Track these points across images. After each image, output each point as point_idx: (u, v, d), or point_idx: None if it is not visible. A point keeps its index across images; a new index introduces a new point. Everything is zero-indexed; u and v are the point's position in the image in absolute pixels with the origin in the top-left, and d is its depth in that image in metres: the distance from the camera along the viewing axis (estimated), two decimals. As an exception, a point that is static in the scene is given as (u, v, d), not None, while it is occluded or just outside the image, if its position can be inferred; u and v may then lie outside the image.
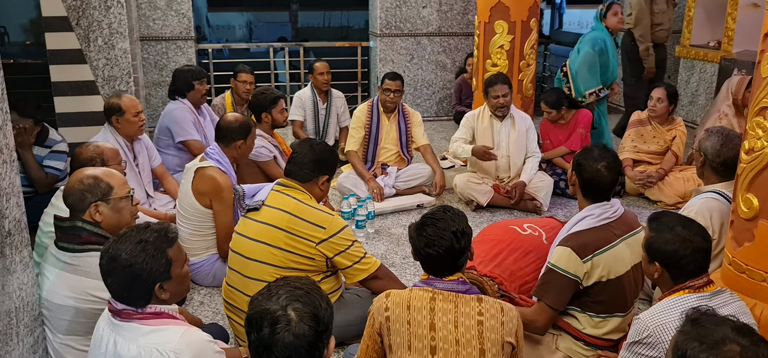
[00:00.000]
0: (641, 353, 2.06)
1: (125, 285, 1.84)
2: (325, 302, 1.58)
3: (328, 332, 1.57)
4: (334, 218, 2.71)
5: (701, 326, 1.49)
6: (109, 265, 1.85)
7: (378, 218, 4.53)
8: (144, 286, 1.85)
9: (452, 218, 2.03)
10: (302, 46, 8.08)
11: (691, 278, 2.10)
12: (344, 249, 2.69)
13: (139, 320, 1.86)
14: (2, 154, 2.05)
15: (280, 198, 2.74)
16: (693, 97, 7.28)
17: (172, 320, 1.90)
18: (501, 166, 4.80)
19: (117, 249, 1.85)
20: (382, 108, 4.97)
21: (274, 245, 2.67)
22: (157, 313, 1.88)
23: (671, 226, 2.13)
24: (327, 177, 2.84)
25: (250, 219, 2.78)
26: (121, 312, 1.86)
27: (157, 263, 1.86)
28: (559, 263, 2.53)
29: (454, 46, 7.88)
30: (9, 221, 2.10)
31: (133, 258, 1.83)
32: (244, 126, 3.49)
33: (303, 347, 1.49)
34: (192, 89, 4.66)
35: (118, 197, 2.43)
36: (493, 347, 1.91)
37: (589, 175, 2.59)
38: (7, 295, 2.09)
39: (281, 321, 1.49)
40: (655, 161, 4.97)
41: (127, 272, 1.82)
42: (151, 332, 1.84)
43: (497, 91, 4.59)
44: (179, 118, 4.57)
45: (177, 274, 1.93)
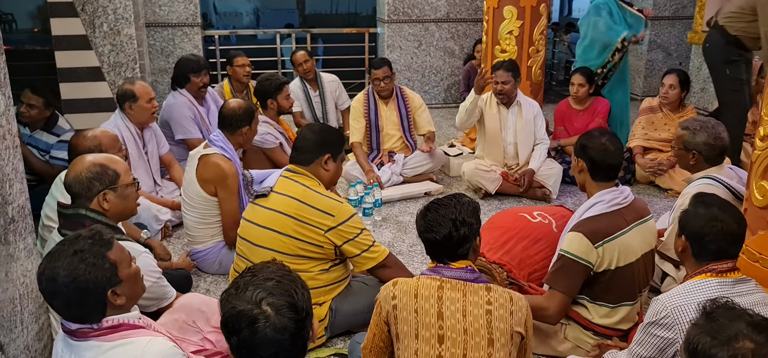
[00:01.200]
0: (657, 335, 2.03)
1: (74, 303, 1.70)
2: (299, 286, 1.53)
3: (309, 316, 1.53)
4: (342, 205, 2.69)
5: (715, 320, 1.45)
6: (50, 287, 1.70)
7: (385, 205, 4.50)
8: (94, 297, 1.72)
9: (457, 205, 2.00)
10: (309, 32, 8.03)
11: (715, 261, 2.08)
12: (353, 237, 2.67)
13: (97, 337, 1.74)
14: (5, 139, 2.03)
15: (289, 184, 2.72)
16: (704, 84, 7.19)
17: (133, 331, 1.78)
18: (509, 153, 4.75)
19: (53, 268, 1.69)
20: (377, 94, 4.93)
21: (282, 233, 2.65)
22: (115, 326, 1.76)
23: (709, 204, 2.14)
24: (329, 156, 2.80)
25: (258, 205, 2.76)
26: (77, 332, 1.74)
27: (100, 269, 1.72)
28: (570, 248, 2.51)
29: (462, 32, 7.80)
30: (12, 207, 2.08)
31: (73, 272, 1.68)
32: (247, 111, 3.46)
33: (286, 339, 1.45)
34: (188, 82, 4.60)
35: (125, 184, 2.41)
36: (502, 336, 1.88)
37: (595, 153, 2.58)
38: (11, 282, 2.07)
39: (259, 320, 1.44)
40: (666, 149, 4.91)
41: (71, 288, 1.68)
42: (112, 348, 1.73)
43: (497, 77, 4.54)
44: (177, 114, 4.53)
45: (126, 275, 1.80)
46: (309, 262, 2.68)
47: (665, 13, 8.05)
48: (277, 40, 7.90)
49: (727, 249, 2.08)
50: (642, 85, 8.16)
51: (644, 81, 8.20)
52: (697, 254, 2.14)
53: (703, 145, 3.10)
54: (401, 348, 1.93)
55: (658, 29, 8.07)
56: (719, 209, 2.11)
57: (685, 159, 3.20)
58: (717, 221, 2.07)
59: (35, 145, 4.14)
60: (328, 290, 2.77)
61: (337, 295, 2.82)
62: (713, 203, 2.14)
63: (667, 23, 8.08)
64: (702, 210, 2.12)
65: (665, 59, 8.15)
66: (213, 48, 7.65)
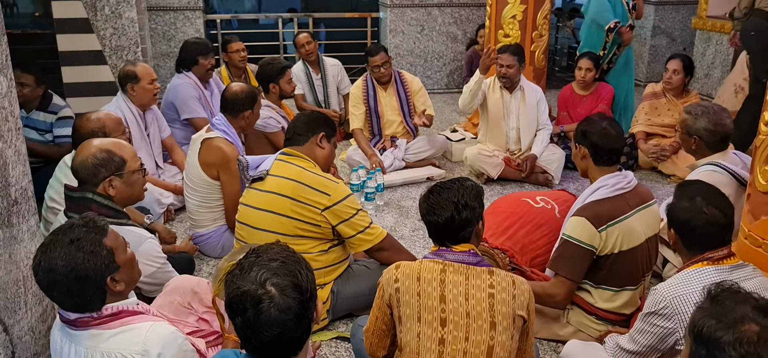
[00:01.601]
0: (657, 324, 2.04)
1: (74, 292, 1.69)
2: (303, 267, 1.53)
3: (314, 297, 1.53)
4: (338, 185, 2.70)
5: (720, 303, 1.44)
6: (49, 278, 1.68)
7: (387, 190, 4.50)
8: (94, 285, 1.71)
9: (460, 189, 2.00)
10: (312, 17, 7.99)
11: (709, 250, 2.08)
12: (349, 217, 2.68)
13: (97, 325, 1.73)
14: (7, 121, 2.03)
15: (284, 167, 2.73)
16: (708, 69, 7.16)
17: (134, 318, 1.78)
18: (511, 138, 4.74)
19: (50, 259, 1.67)
20: (375, 80, 4.90)
21: (280, 213, 2.66)
22: (115, 313, 1.75)
23: (693, 195, 2.12)
24: (323, 134, 2.83)
25: (255, 189, 2.77)
26: (77, 321, 1.73)
27: (98, 256, 1.71)
28: (573, 233, 2.51)
29: (465, 17, 7.76)
30: (15, 189, 2.08)
31: (71, 261, 1.67)
32: (249, 95, 3.45)
33: (291, 320, 1.45)
34: (196, 64, 4.61)
35: (131, 170, 2.41)
36: (504, 320, 1.88)
37: (597, 138, 2.59)
38: (14, 264, 2.07)
39: (263, 300, 1.43)
40: (669, 134, 4.89)
41: (71, 278, 1.67)
42: (113, 335, 1.73)
43: (502, 60, 4.52)
44: (183, 94, 4.53)
45: (123, 261, 1.80)
46: (308, 242, 2.69)
47: (670, -2, 8.00)
48: (279, 24, 7.86)
49: (716, 238, 2.08)
50: (645, 71, 8.12)
51: (648, 67, 8.16)
52: (688, 246, 2.14)
53: (704, 131, 3.09)
54: (403, 331, 1.94)
55: (662, 14, 8.02)
56: (703, 198, 2.09)
57: (687, 144, 3.20)
58: (701, 213, 2.07)
59: (34, 127, 4.13)
60: (328, 271, 2.77)
61: (339, 277, 2.82)
62: (697, 193, 2.12)
63: (672, 8, 8.03)
64: (686, 203, 2.12)
65: (669, 45, 8.10)
66: (214, 32, 7.62)
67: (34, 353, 2.19)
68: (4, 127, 2.00)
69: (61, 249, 1.68)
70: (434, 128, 5.82)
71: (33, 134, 4.10)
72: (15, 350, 2.08)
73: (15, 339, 2.08)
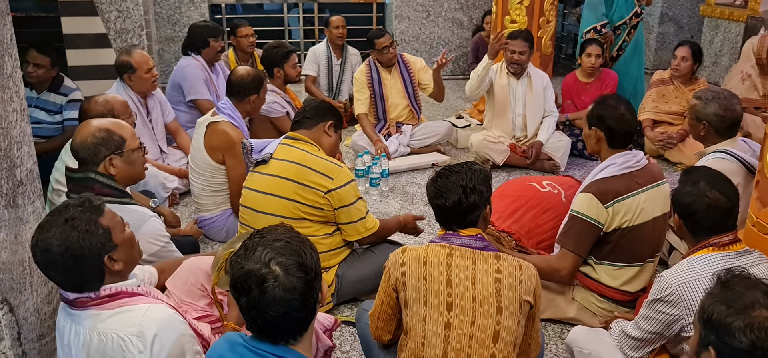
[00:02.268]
0: (663, 311, 2.04)
1: (71, 272, 1.69)
2: (307, 247, 1.52)
3: (319, 277, 1.52)
4: (342, 169, 2.71)
5: (730, 289, 1.44)
6: (45, 258, 1.68)
7: (392, 176, 4.49)
8: (91, 264, 1.70)
9: (467, 172, 1.99)
10: (317, 2, 7.95)
11: (715, 235, 2.07)
12: (349, 203, 2.69)
13: (96, 306, 1.73)
14: (12, 102, 2.02)
15: (288, 150, 2.74)
16: (716, 57, 7.11)
17: (132, 299, 1.76)
18: (517, 125, 4.72)
19: (45, 240, 1.67)
20: (379, 64, 4.88)
21: (284, 196, 2.66)
22: (113, 294, 1.74)
23: (696, 180, 2.12)
24: (331, 122, 2.84)
25: (258, 173, 2.77)
26: (76, 301, 1.73)
27: (94, 236, 1.70)
28: (581, 208, 2.55)
29: (471, 3, 7.72)
30: (21, 170, 2.07)
31: (66, 241, 1.66)
32: (256, 79, 3.44)
33: (296, 299, 1.44)
34: (207, 46, 4.61)
35: (131, 148, 2.40)
36: (511, 304, 1.87)
37: (613, 122, 2.59)
38: (20, 244, 2.07)
39: (268, 279, 1.43)
40: (677, 122, 4.86)
41: (67, 257, 1.66)
42: (111, 316, 1.72)
43: (514, 46, 4.49)
44: (190, 75, 4.51)
45: (121, 240, 1.78)
46: (313, 225, 2.69)
47: (678, -15, 7.94)
48: (284, 9, 7.83)
49: (719, 223, 2.07)
50: (653, 59, 8.07)
51: (655, 54, 8.11)
52: (692, 231, 2.14)
53: (714, 116, 3.06)
54: (409, 315, 1.93)
55: (670, 2, 7.96)
56: (707, 183, 2.09)
57: (696, 129, 3.17)
58: (704, 197, 2.06)
59: (44, 107, 4.13)
60: (333, 254, 2.78)
61: (344, 261, 2.82)
62: (700, 179, 2.11)
63: (680, -5, 7.98)
64: (689, 187, 2.11)
65: (677, 32, 8.05)
66: (219, 16, 7.59)
67: (39, 333, 2.19)
68: (9, 108, 1.99)
69: (56, 229, 1.67)
70: (439, 114, 5.80)
71: (42, 115, 4.11)
72: (21, 331, 2.08)
73: (20, 320, 2.08)
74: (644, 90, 5.50)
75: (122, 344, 1.68)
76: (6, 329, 1.97)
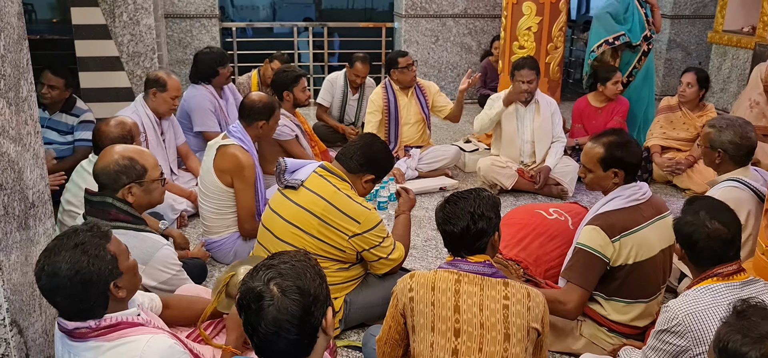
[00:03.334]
0: (670, 342, 2.02)
1: (78, 297, 1.67)
2: (313, 274, 1.52)
3: (320, 303, 1.51)
4: (370, 212, 2.68)
5: (746, 318, 1.44)
6: (52, 283, 1.65)
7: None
8: (97, 291, 1.69)
9: (476, 199, 2.00)
10: (326, 26, 8.03)
11: (718, 265, 2.06)
12: (376, 244, 2.68)
13: (96, 337, 1.70)
14: (27, 125, 2.05)
15: (320, 183, 2.70)
16: (724, 84, 7.11)
17: (133, 329, 1.74)
18: (525, 151, 4.73)
19: (53, 263, 1.65)
20: (396, 86, 4.91)
21: (306, 231, 2.66)
22: (114, 325, 1.72)
23: (697, 210, 2.11)
24: (373, 177, 2.81)
25: (286, 198, 2.75)
26: (74, 332, 1.70)
27: (103, 261, 1.69)
28: (587, 242, 2.51)
29: (480, 28, 7.77)
30: (33, 192, 2.10)
31: (76, 265, 1.64)
32: (267, 106, 3.46)
33: (288, 321, 1.45)
34: (217, 75, 4.65)
35: (151, 179, 2.42)
36: (519, 331, 1.87)
37: (635, 158, 2.60)
38: (30, 266, 2.09)
39: (264, 297, 1.46)
40: (685, 148, 4.86)
41: (75, 281, 1.64)
42: (112, 348, 1.70)
43: (523, 76, 4.50)
44: (198, 107, 4.57)
45: (126, 267, 1.77)
46: (329, 262, 2.68)
47: (685, 12, 7.96)
48: (294, 33, 7.90)
49: (719, 253, 2.06)
50: (660, 85, 8.08)
51: (663, 80, 8.12)
52: (693, 260, 2.13)
53: (730, 144, 3.03)
54: (417, 340, 1.93)
55: (677, 28, 7.98)
56: (707, 213, 2.07)
57: (710, 157, 3.13)
58: (704, 227, 2.05)
59: (55, 128, 4.18)
60: (344, 286, 2.77)
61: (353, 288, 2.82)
62: (701, 208, 2.10)
63: (687, 22, 7.99)
64: (690, 217, 2.10)
65: (684, 58, 8.06)
66: (230, 40, 7.67)
67: (46, 355, 2.20)
68: (23, 131, 2.02)
69: (65, 253, 1.65)
70: (447, 138, 5.82)
71: (54, 135, 4.15)
72: (29, 353, 2.09)
73: (29, 342, 2.09)
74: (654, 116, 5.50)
75: None
76: (15, 350, 1.98)
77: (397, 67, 4.87)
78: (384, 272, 2.77)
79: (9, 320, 1.93)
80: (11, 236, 1.93)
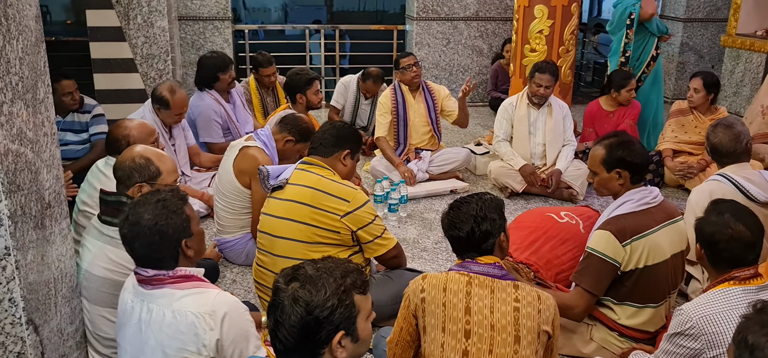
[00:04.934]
0: (684, 345, 2.01)
1: (153, 246, 1.88)
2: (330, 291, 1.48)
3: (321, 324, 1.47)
4: (357, 191, 2.75)
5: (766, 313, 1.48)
6: (133, 230, 1.88)
7: (410, 202, 4.51)
8: (171, 244, 1.90)
9: (478, 202, 2.03)
10: (337, 28, 8.06)
11: (735, 268, 2.05)
12: (367, 223, 2.73)
13: (171, 285, 1.90)
14: (43, 126, 2.08)
15: (304, 175, 2.78)
16: (737, 88, 7.06)
17: (203, 284, 1.94)
18: (537, 154, 4.72)
19: (137, 213, 1.89)
20: (405, 88, 4.92)
21: (300, 221, 2.70)
22: (188, 276, 1.93)
23: (722, 211, 2.11)
24: (348, 151, 2.87)
25: (274, 198, 2.82)
26: (152, 279, 1.90)
27: (179, 218, 1.91)
28: (598, 246, 2.50)
29: (491, 30, 7.76)
30: (49, 192, 2.12)
31: (156, 217, 1.87)
32: (304, 130, 3.42)
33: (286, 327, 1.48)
34: (217, 80, 4.62)
35: (164, 183, 2.45)
36: (529, 334, 1.88)
37: (637, 157, 2.59)
38: (46, 265, 2.12)
39: (280, 294, 1.51)
40: (696, 152, 4.84)
41: (153, 232, 1.86)
42: (185, 295, 1.89)
43: (541, 80, 4.50)
44: (203, 116, 4.56)
45: (196, 230, 1.99)
46: (328, 248, 2.71)
47: (698, 15, 7.92)
48: (306, 35, 7.94)
49: (740, 256, 2.06)
50: (673, 88, 8.04)
51: (675, 83, 8.08)
52: (713, 262, 2.13)
53: (717, 143, 3.06)
54: (427, 341, 1.94)
55: (690, 31, 7.94)
56: (732, 215, 2.08)
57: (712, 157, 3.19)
58: (727, 228, 2.05)
59: (71, 129, 4.22)
60: None
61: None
62: (726, 210, 2.11)
63: (700, 26, 7.95)
64: (714, 217, 2.11)
65: (697, 62, 8.02)
66: (242, 42, 7.72)
67: (61, 354, 2.23)
68: (40, 133, 2.05)
69: (148, 206, 1.89)
70: (458, 141, 5.83)
71: (70, 136, 4.20)
72: (44, 351, 2.12)
73: (44, 340, 2.12)
74: (663, 120, 5.49)
75: (195, 320, 1.84)
76: (31, 349, 2.01)
77: (398, 68, 4.89)
78: (379, 254, 2.80)
79: (25, 319, 1.95)
80: (28, 236, 1.96)
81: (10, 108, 1.82)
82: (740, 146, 3.01)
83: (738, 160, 3.03)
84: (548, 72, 4.51)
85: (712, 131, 3.08)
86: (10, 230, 1.82)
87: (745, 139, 3.03)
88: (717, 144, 3.05)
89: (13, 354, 1.95)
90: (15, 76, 1.85)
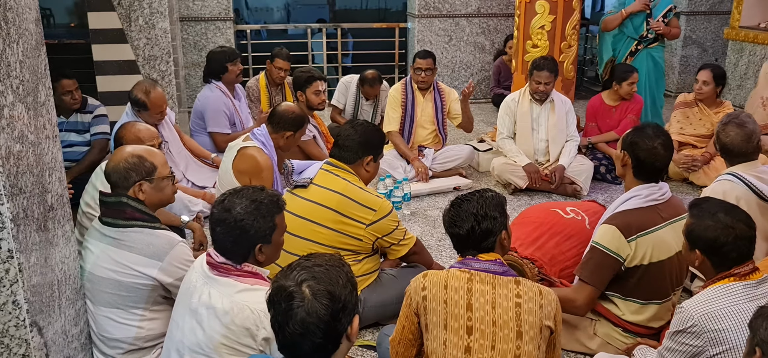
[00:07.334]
0: (686, 343, 2.00)
1: (231, 238, 1.96)
2: (345, 279, 1.55)
3: (348, 311, 1.54)
4: (383, 200, 2.76)
5: None
6: (222, 215, 1.96)
7: (414, 199, 4.51)
8: (247, 243, 1.97)
9: (479, 200, 2.03)
10: (340, 27, 8.05)
11: (735, 266, 2.03)
12: (391, 231, 2.75)
13: (236, 276, 1.97)
14: (45, 129, 2.08)
15: (330, 178, 2.77)
16: (741, 80, 7.03)
17: (265, 283, 1.98)
18: (540, 150, 4.72)
19: (232, 202, 1.97)
20: (415, 85, 4.92)
21: (322, 224, 2.70)
22: (253, 272, 1.99)
23: (713, 212, 2.06)
24: (371, 157, 2.87)
25: (297, 196, 2.80)
26: (220, 266, 1.98)
27: (266, 224, 1.98)
28: (602, 240, 2.49)
29: (493, 27, 7.75)
30: (51, 195, 2.13)
31: (245, 214, 1.95)
32: (297, 120, 3.47)
33: (316, 324, 1.48)
34: (226, 71, 4.70)
35: (161, 176, 2.45)
36: (531, 329, 1.87)
37: (644, 154, 2.52)
38: (49, 267, 2.13)
39: (295, 297, 1.49)
40: (701, 144, 4.82)
41: (237, 225, 1.94)
42: (246, 290, 1.94)
43: (540, 77, 4.50)
44: (212, 107, 4.62)
45: (277, 240, 2.05)
46: (344, 254, 2.71)
47: (701, 8, 7.89)
48: (308, 34, 7.94)
49: (745, 253, 2.04)
50: (676, 82, 8.01)
51: (679, 77, 8.05)
52: (718, 265, 2.07)
53: (728, 140, 3.01)
54: (430, 338, 1.94)
55: (693, 25, 7.91)
56: (726, 214, 2.04)
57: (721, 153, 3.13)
58: (730, 228, 2.01)
59: (74, 130, 4.23)
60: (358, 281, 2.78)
61: (367, 286, 2.84)
62: (716, 210, 2.06)
63: (703, 19, 7.92)
64: (709, 221, 2.04)
65: (700, 55, 7.98)
66: (244, 42, 7.73)
67: (66, 356, 2.23)
68: (42, 135, 2.06)
69: (244, 200, 1.97)
70: (461, 138, 5.82)
71: (73, 137, 4.20)
72: (48, 353, 2.13)
73: (49, 342, 2.13)
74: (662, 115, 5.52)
75: (251, 315, 1.90)
76: (35, 351, 2.02)
77: (413, 63, 4.89)
78: (401, 255, 2.84)
79: (29, 321, 1.96)
80: (31, 238, 1.97)
81: (11, 111, 1.82)
82: (751, 146, 2.98)
83: (748, 159, 3.00)
84: (546, 69, 4.50)
85: (723, 130, 3.02)
86: (12, 233, 1.82)
87: (756, 138, 2.99)
88: (728, 144, 3.00)
89: (18, 357, 1.96)
90: (16, 79, 1.85)
